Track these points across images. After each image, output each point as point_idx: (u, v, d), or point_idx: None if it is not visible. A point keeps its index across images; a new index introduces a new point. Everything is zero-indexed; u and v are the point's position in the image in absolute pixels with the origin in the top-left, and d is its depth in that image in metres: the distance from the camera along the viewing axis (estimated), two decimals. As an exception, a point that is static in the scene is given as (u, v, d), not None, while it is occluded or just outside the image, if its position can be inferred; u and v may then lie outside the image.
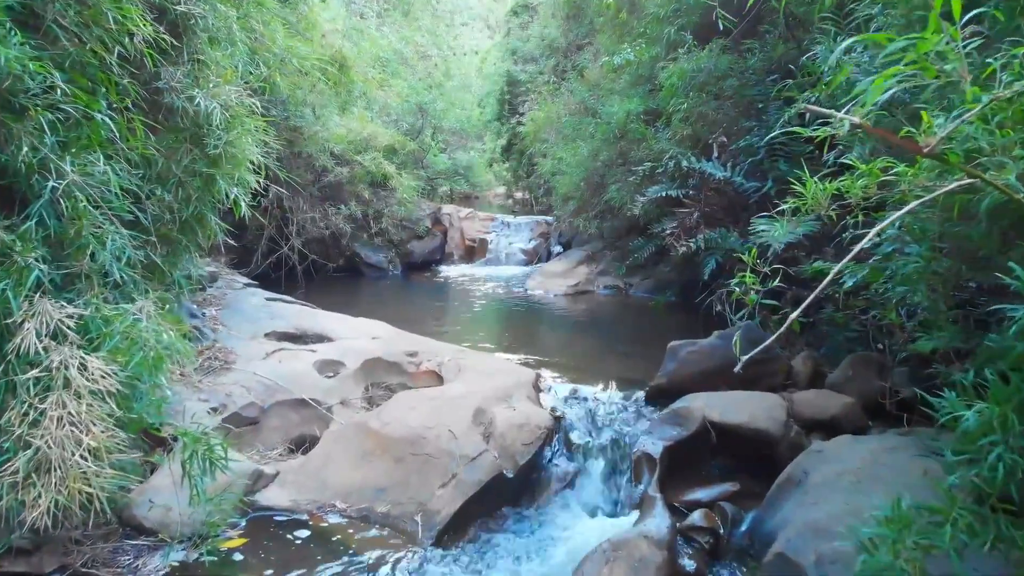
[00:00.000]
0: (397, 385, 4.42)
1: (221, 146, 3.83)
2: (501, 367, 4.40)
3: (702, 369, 4.06)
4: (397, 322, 6.50)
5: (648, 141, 6.54)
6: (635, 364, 4.94)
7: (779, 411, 3.71)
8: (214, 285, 5.60)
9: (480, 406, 3.64)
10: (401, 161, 9.58)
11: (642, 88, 7.55)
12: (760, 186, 5.22)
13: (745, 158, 5.38)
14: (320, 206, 8.71)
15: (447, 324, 6.68)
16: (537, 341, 5.72)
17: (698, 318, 5.86)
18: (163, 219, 3.77)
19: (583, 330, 6.24)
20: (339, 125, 9.04)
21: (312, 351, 4.53)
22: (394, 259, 9.66)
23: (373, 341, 4.81)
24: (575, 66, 10.73)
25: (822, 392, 3.97)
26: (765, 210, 5.74)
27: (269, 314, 5.17)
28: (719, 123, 5.86)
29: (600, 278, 8.17)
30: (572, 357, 5.22)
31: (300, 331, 4.98)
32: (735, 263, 5.41)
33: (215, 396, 3.98)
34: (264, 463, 3.73)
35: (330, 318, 5.30)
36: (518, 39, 16.20)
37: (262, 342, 4.68)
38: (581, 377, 4.61)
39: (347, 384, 4.23)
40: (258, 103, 4.18)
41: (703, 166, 5.30)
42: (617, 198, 7.49)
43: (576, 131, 8.83)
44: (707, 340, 4.13)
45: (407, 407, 3.66)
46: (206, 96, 3.76)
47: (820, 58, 3.33)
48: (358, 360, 4.42)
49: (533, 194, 14.82)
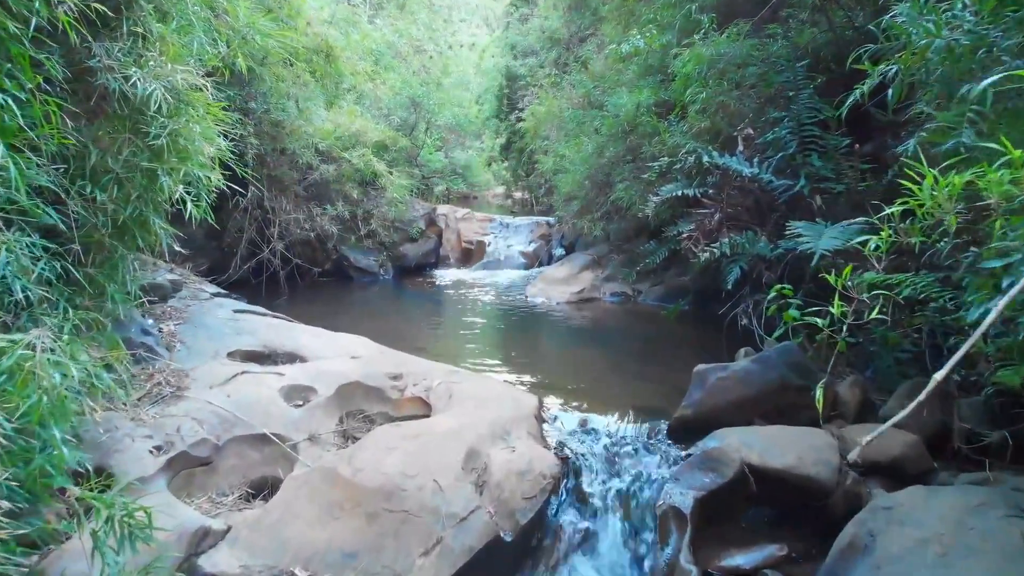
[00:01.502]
0: (377, 415, 3.81)
1: (165, 136, 3.22)
2: (498, 393, 3.79)
3: (735, 398, 3.46)
4: (385, 334, 5.89)
5: (661, 135, 5.94)
6: (652, 387, 4.33)
7: (830, 452, 3.10)
8: (177, 296, 4.98)
9: (473, 446, 3.03)
10: (392, 158, 8.96)
11: (652, 79, 6.95)
12: (791, 184, 4.62)
13: (774, 152, 4.78)
14: (305, 206, 8.10)
15: (439, 337, 6.07)
16: (539, 357, 5.12)
17: (719, 332, 5.26)
18: (95, 223, 3.15)
19: (590, 344, 5.63)
20: (326, 120, 8.42)
21: (279, 374, 3.91)
22: (385, 263, 9.05)
23: (352, 361, 4.19)
24: (578, 58, 10.12)
25: (875, 427, 3.35)
26: (796, 211, 5.14)
27: (235, 329, 4.55)
28: (743, 114, 5.26)
29: (606, 284, 7.56)
30: (579, 378, 4.61)
31: (269, 349, 4.37)
32: (763, 271, 4.81)
33: (161, 431, 3.36)
34: (216, 512, 3.12)
35: (305, 333, 4.68)
36: (517, 33, 15.60)
37: (223, 363, 4.06)
38: (590, 403, 4.00)
39: (318, 415, 3.62)
40: (208, 85, 3.55)
41: (727, 162, 4.69)
42: (625, 198, 6.90)
43: (580, 126, 8.23)
44: (740, 364, 3.52)
45: (385, 448, 3.04)
46: (147, 77, 3.15)
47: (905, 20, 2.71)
48: (332, 385, 3.81)
49: (533, 194, 14.23)
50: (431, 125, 10.89)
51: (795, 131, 4.70)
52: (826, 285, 4.73)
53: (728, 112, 5.39)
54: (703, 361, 4.94)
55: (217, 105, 3.60)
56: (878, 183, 4.60)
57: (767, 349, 3.55)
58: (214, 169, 3.95)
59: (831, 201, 4.73)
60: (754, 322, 4.67)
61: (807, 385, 3.48)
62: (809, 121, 4.72)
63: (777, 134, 4.76)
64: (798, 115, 4.75)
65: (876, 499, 2.87)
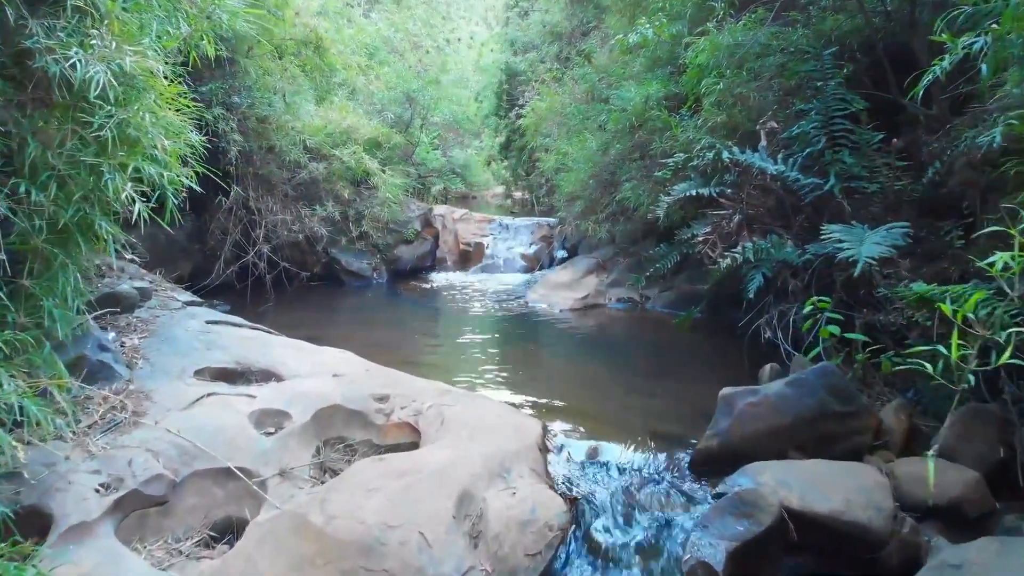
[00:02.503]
0: (360, 443, 3.38)
1: (111, 127, 2.79)
2: (496, 417, 3.35)
3: (767, 428, 3.03)
4: (374, 345, 5.46)
5: (673, 130, 5.51)
6: (667, 407, 3.90)
7: (882, 494, 2.67)
8: (145, 305, 4.55)
9: (466, 488, 2.60)
10: (386, 157, 8.53)
11: (662, 71, 6.52)
12: (820, 183, 4.19)
13: (800, 148, 4.34)
14: (293, 207, 7.66)
15: (433, 348, 5.63)
16: (541, 372, 4.69)
17: (737, 342, 4.83)
18: (30, 227, 2.73)
19: (597, 356, 5.20)
20: (315, 115, 7.99)
21: (250, 396, 3.48)
22: (379, 266, 8.61)
23: (333, 380, 3.76)
24: (580, 52, 9.69)
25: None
26: (824, 212, 4.71)
27: (206, 343, 4.12)
28: (763, 107, 4.83)
29: (611, 289, 7.13)
30: (586, 396, 4.18)
31: (242, 366, 3.94)
32: (788, 278, 4.38)
33: (111, 465, 2.93)
34: (169, 563, 2.70)
35: (284, 347, 4.25)
36: (517, 28, 15.17)
37: (189, 383, 3.63)
38: (600, 427, 3.57)
39: (291, 445, 3.18)
40: (162, 67, 3.12)
41: (749, 159, 4.26)
42: (632, 197, 6.47)
43: (584, 122, 7.80)
44: (773, 388, 3.09)
45: (364, 489, 2.61)
46: (90, 59, 2.73)
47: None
48: (309, 409, 3.38)
49: (534, 194, 13.81)
50: (427, 121, 10.44)
51: (824, 125, 4.27)
52: (857, 295, 4.32)
53: (747, 105, 4.96)
54: (721, 377, 4.52)
55: (172, 90, 3.17)
56: (916, 183, 4.17)
57: (803, 371, 3.12)
58: (172, 166, 3.51)
59: (862, 202, 4.31)
60: (779, 335, 4.24)
61: (850, 412, 3.06)
62: (839, 114, 4.29)
63: (803, 128, 4.33)
64: (827, 107, 4.31)
65: (939, 553, 2.44)
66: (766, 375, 4.09)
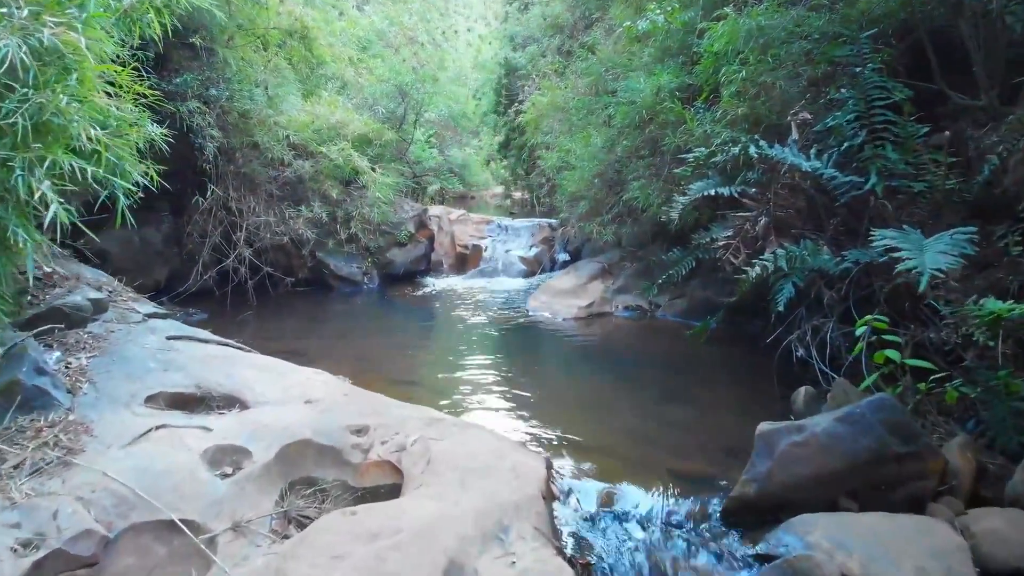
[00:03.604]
0: (333, 485, 2.89)
1: (23, 113, 2.31)
2: (492, 455, 2.87)
3: (814, 473, 2.54)
4: (359, 359, 4.97)
5: (688, 123, 5.02)
6: (689, 438, 3.42)
7: (960, 559, 2.19)
8: (100, 318, 4.06)
9: (454, 557, 2.11)
10: (377, 154, 8.03)
11: (673, 62, 6.03)
12: (860, 182, 3.70)
13: (837, 142, 3.86)
14: (277, 207, 7.17)
15: (424, 363, 5.14)
16: (544, 394, 4.20)
17: (761, 357, 4.36)
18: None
19: (605, 374, 4.71)
20: (302, 110, 7.50)
21: (206, 429, 2.99)
22: (370, 270, 8.12)
23: (305, 408, 3.28)
24: (583, 44, 9.19)
25: (1011, 514, 2.44)
26: (862, 214, 4.22)
27: (164, 363, 3.63)
28: (790, 97, 4.35)
29: (618, 296, 6.64)
30: (596, 425, 3.70)
31: (203, 391, 3.45)
32: (821, 289, 3.90)
33: (33, 517, 2.45)
34: (94, 643, 2.22)
35: (253, 368, 3.77)
36: (517, 23, 14.69)
37: (138, 412, 3.14)
38: (612, 465, 3.09)
39: (250, 490, 2.70)
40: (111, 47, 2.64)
41: (780, 154, 3.78)
42: (641, 197, 5.99)
43: (588, 116, 7.31)
44: (820, 425, 2.60)
45: (328, 557, 2.13)
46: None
47: None
48: (274, 445, 2.89)
49: (534, 193, 13.33)
50: (421, 117, 9.94)
51: (862, 116, 3.79)
52: (902, 309, 3.84)
53: (772, 95, 4.48)
54: (746, 400, 4.05)
55: (106, 68, 2.68)
56: (969, 181, 3.69)
57: (856, 404, 2.63)
58: (128, 161, 3.05)
59: (905, 202, 3.82)
60: (813, 353, 3.75)
61: (911, 452, 2.57)
62: (879, 104, 3.81)
63: (839, 120, 3.84)
64: (865, 96, 3.83)
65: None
66: (800, 400, 3.62)
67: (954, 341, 3.42)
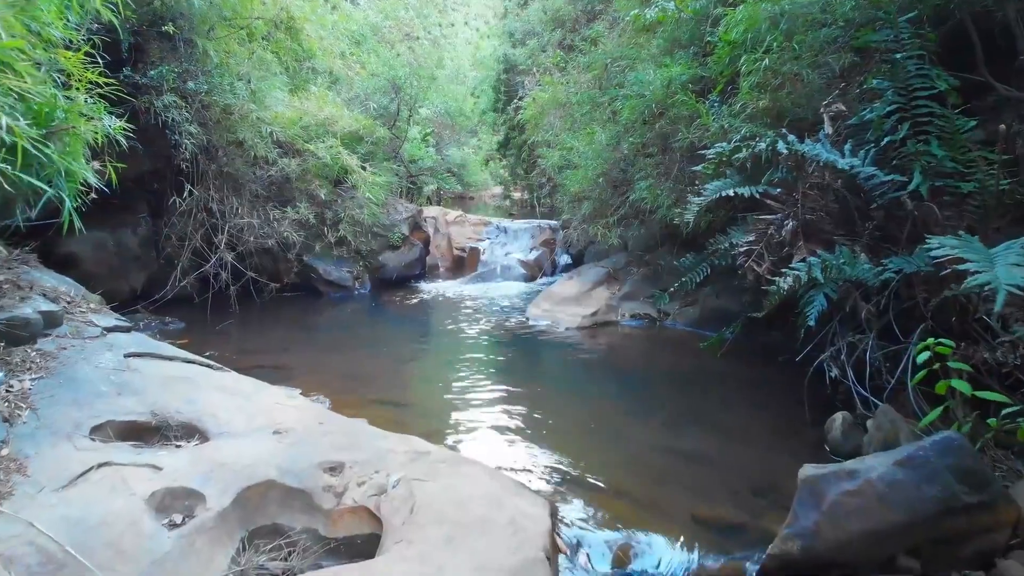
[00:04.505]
0: (301, 534, 2.48)
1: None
2: (487, 501, 2.45)
3: (871, 528, 2.13)
4: (344, 377, 4.54)
5: (703, 118, 4.61)
6: (712, 475, 3.00)
7: (1062, 644, 1.78)
8: (53, 333, 3.65)
9: (438, 647, 1.69)
10: (368, 152, 7.60)
11: (684, 53, 5.62)
12: (903, 181, 3.29)
13: (875, 137, 3.45)
14: (262, 209, 6.75)
15: (414, 380, 4.72)
16: (546, 419, 3.77)
17: (781, 372, 3.96)
18: None
19: (614, 394, 4.28)
20: (289, 105, 7.08)
21: (155, 468, 2.58)
22: (361, 274, 7.71)
23: (274, 439, 2.87)
24: (586, 38, 8.77)
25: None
26: (902, 218, 3.81)
27: (118, 385, 3.22)
28: (820, 89, 3.94)
29: (625, 304, 6.23)
30: (605, 457, 3.28)
31: (159, 418, 3.03)
32: (857, 301, 3.49)
33: (-64, 581, 2.04)
34: None
35: (219, 390, 3.35)
36: (516, 19, 14.26)
37: (81, 447, 2.73)
38: (626, 509, 2.67)
39: (202, 543, 2.28)
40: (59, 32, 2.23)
41: (814, 151, 3.36)
42: (649, 198, 5.58)
43: (591, 113, 6.90)
44: (876, 469, 2.19)
45: (282, 646, 1.71)
46: None
47: None
48: (232, 487, 2.48)
49: (535, 194, 12.93)
50: (415, 112, 9.50)
51: (904, 108, 3.37)
52: (949, 324, 3.43)
53: (797, 86, 4.07)
54: (773, 427, 3.59)
55: (15, 44, 2.27)
56: (1022, 180, 3.28)
57: (918, 445, 2.22)
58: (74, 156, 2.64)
59: (951, 205, 3.41)
60: (849, 374, 3.34)
61: (982, 502, 2.16)
62: (922, 94, 3.39)
63: (877, 112, 3.43)
64: (906, 86, 3.42)
65: None
66: (837, 429, 3.21)
67: (1012, 363, 3.01)
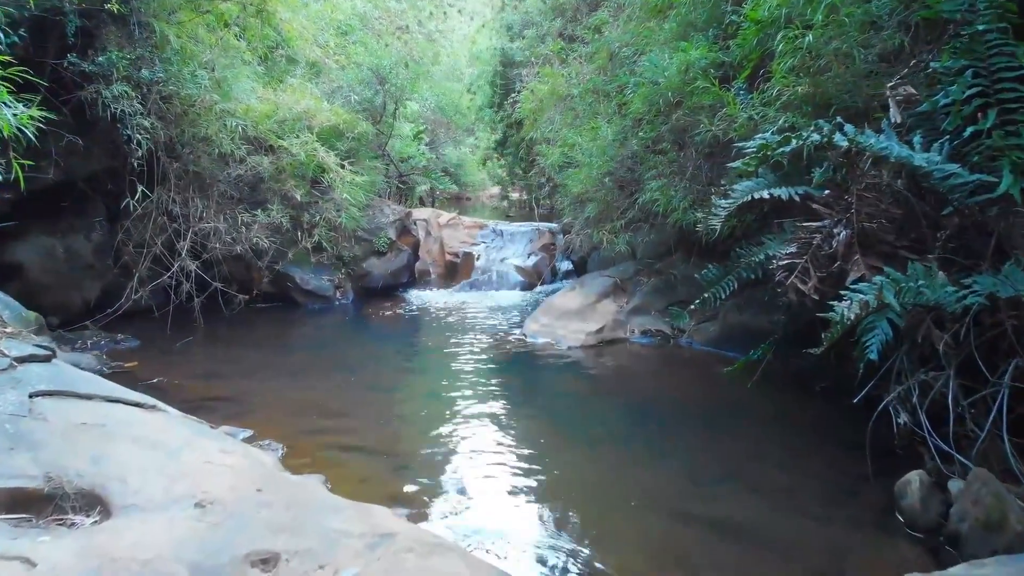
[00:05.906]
0: (215, 663, 1.82)
1: None
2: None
3: None
4: (310, 410, 3.84)
5: (730, 107, 3.97)
6: (765, 563, 2.34)
7: None
8: (-55, 365, 2.99)
9: None
10: (350, 148, 6.94)
11: (702, 36, 4.98)
12: (993, 181, 2.64)
13: (952, 127, 2.80)
14: (230, 212, 6.10)
15: (389, 418, 4.01)
16: (546, 471, 3.09)
17: (831, 411, 3.33)
18: None
19: (624, 439, 3.58)
20: (262, 98, 6.42)
21: (29, 564, 1.92)
22: (343, 283, 7.06)
23: (195, 514, 2.21)
24: (588, 27, 8.12)
25: None
26: (982, 226, 3.12)
27: (11, 438, 2.55)
28: (873, 71, 3.30)
29: (634, 318, 5.59)
30: (620, 528, 2.62)
31: (54, 484, 2.36)
32: (930, 330, 2.84)
33: None
34: None
35: (138, 442, 2.69)
36: (514, 12, 13.61)
37: (-66, 529, 2.07)
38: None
39: None
40: None
41: (881, 144, 2.71)
42: (662, 200, 4.95)
43: (595, 105, 6.26)
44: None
45: None
46: None
47: None
48: (121, 599, 1.82)
49: (534, 194, 12.28)
50: (402, 106, 8.83)
51: (987, 90, 2.73)
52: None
53: (843, 68, 3.42)
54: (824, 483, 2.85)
55: None
56: None
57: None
58: None
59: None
60: (922, 418, 2.69)
61: None
62: (1007, 75, 2.75)
63: (955, 95, 2.78)
64: (987, 65, 2.77)
65: None
66: (914, 493, 2.56)
67: None
